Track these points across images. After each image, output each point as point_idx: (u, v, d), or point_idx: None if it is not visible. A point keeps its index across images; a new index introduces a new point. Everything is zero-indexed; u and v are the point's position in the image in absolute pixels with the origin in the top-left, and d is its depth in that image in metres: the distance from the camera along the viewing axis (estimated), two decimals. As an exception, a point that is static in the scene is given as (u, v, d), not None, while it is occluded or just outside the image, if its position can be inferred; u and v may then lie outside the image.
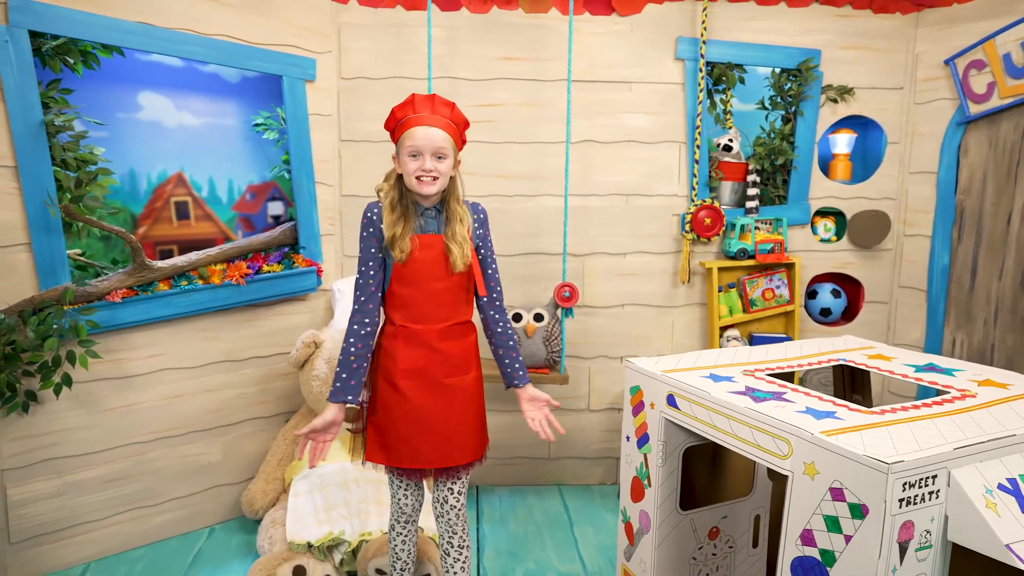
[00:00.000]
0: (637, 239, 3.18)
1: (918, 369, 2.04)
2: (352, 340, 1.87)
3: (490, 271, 1.97)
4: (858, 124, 3.32)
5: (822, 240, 3.27)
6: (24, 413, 2.39)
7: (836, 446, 1.42)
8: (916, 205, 3.20)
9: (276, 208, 3.25)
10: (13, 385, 2.31)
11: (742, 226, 3.09)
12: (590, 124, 3.10)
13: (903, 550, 1.37)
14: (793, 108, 3.17)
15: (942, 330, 3.15)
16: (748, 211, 3.15)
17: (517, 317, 2.89)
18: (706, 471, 2.27)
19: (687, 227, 3.11)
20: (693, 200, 3.13)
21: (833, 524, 1.43)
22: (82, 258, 2.59)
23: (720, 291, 3.15)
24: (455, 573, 2.01)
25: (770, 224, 3.14)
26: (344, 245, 3.14)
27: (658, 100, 3.10)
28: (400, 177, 1.86)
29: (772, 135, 3.18)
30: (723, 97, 3.20)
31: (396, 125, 1.86)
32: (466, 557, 2.02)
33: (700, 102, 3.07)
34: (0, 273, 2.32)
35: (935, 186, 3.12)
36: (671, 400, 1.87)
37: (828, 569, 1.44)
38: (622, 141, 3.12)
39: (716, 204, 3.11)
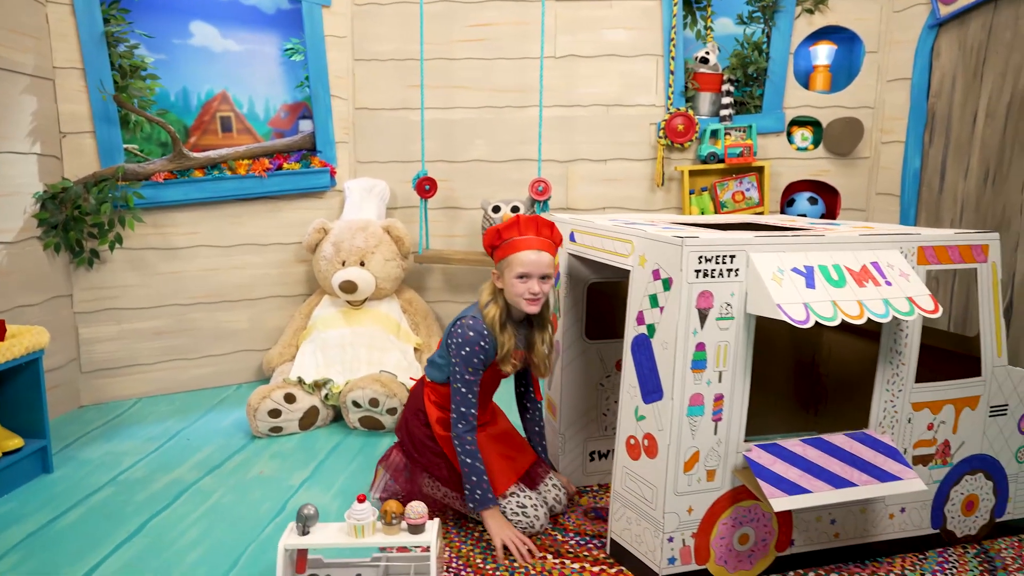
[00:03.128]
0: (617, 146, 3.46)
1: (813, 222, 2.26)
2: (471, 449, 1.93)
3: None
4: (844, 37, 3.43)
5: (799, 149, 3.42)
6: (90, 268, 3.01)
7: (658, 235, 1.71)
8: (892, 112, 3.29)
9: (307, 126, 3.73)
10: (80, 242, 2.92)
11: (713, 131, 3.31)
12: (574, 40, 3.40)
13: (703, 316, 1.65)
14: (771, 22, 3.34)
15: (913, 233, 3.24)
16: (722, 119, 3.36)
17: (496, 209, 3.25)
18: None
19: (661, 133, 3.36)
20: (669, 109, 3.37)
21: (654, 301, 1.73)
22: (140, 153, 3.17)
23: (692, 194, 3.38)
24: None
25: (744, 131, 3.33)
26: (357, 152, 3.59)
27: (637, 16, 3.36)
28: (500, 291, 1.97)
29: (746, 46, 3.36)
30: (704, 14, 3.41)
31: (501, 244, 1.95)
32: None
33: (675, 15, 3.30)
34: (71, 153, 2.94)
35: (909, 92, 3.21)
36: (572, 236, 2.18)
37: (651, 339, 1.74)
38: (603, 55, 3.40)
39: (691, 113, 3.34)
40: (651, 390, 1.75)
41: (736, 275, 1.66)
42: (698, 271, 1.63)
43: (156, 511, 2.18)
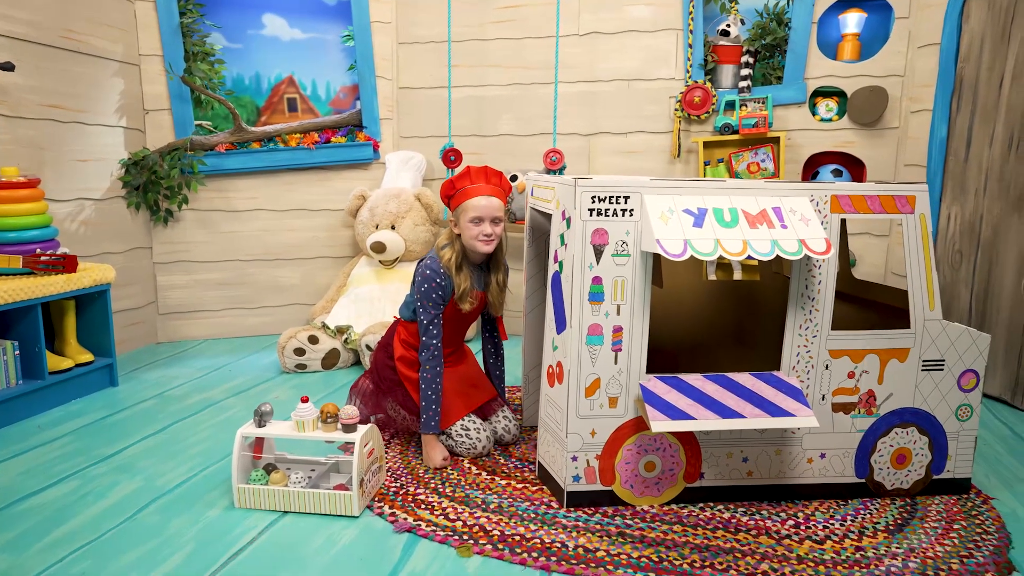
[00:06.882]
0: (638, 120, 3.56)
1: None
2: (436, 376, 2.16)
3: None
4: (877, 5, 3.33)
5: (823, 120, 3.36)
6: (166, 225, 3.56)
7: (564, 180, 1.88)
8: (921, 80, 3.17)
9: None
10: (157, 202, 3.47)
11: (728, 102, 3.34)
12: (596, 18, 3.55)
13: (598, 252, 1.81)
14: (794, -9, 3.31)
15: (939, 205, 3.11)
16: (741, 91, 3.38)
17: (513, 178, 3.47)
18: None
19: (678, 106, 3.43)
20: (687, 82, 3.43)
21: (561, 240, 1.90)
22: (213, 129, 3.68)
23: (707, 165, 3.42)
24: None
25: (761, 103, 3.33)
26: (400, 127, 3.94)
27: (657, -9, 3.45)
28: (458, 236, 2.18)
29: (765, 16, 3.36)
30: (729, -14, 3.44)
31: (455, 193, 2.17)
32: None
33: (693, -11, 3.36)
34: (152, 127, 3.48)
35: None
36: (532, 191, 2.37)
37: (560, 274, 1.92)
38: (625, 31, 3.52)
39: (708, 85, 3.39)
40: (561, 321, 1.92)
41: (631, 215, 1.80)
42: (591, 210, 1.79)
43: (182, 417, 2.62)
